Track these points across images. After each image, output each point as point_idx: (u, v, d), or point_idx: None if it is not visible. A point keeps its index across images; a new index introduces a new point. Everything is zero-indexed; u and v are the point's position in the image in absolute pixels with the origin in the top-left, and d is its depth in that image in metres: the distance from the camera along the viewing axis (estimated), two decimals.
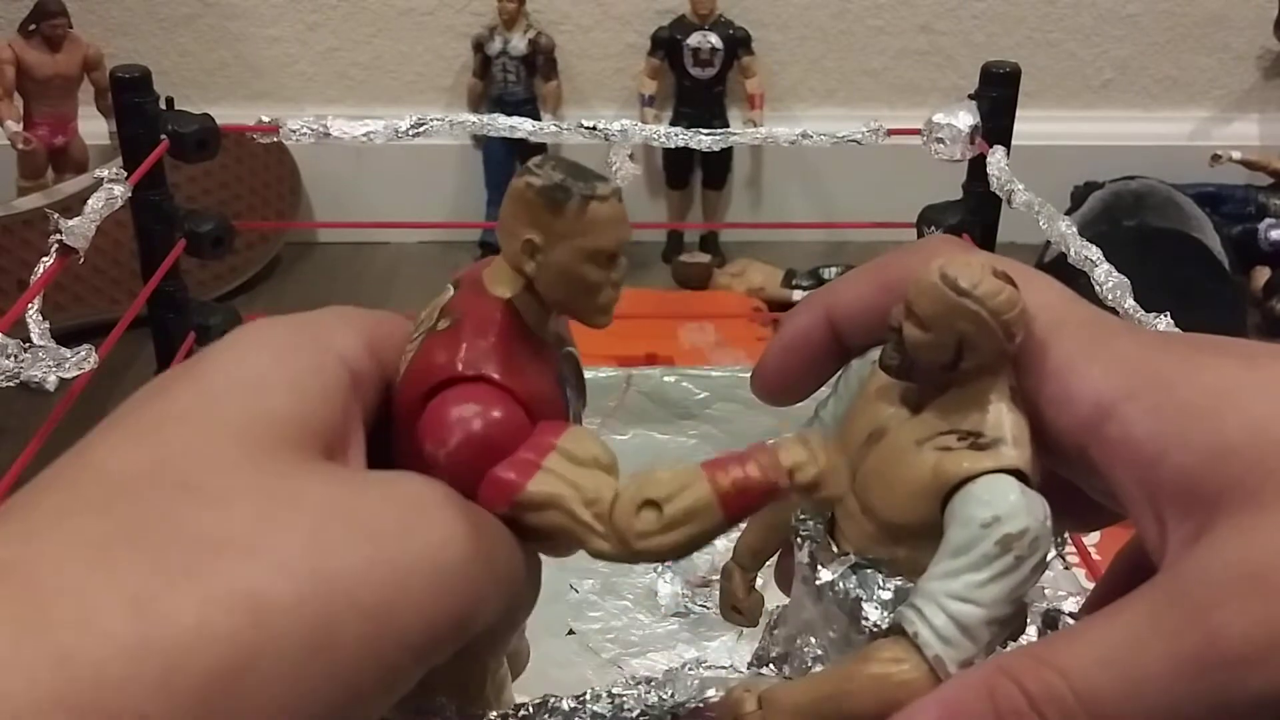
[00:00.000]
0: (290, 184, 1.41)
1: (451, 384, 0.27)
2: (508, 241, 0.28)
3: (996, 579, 0.26)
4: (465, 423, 0.26)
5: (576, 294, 0.28)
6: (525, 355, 0.28)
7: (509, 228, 0.27)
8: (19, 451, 0.67)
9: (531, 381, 0.28)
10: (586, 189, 0.27)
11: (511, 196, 0.27)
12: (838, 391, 0.31)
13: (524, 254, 0.27)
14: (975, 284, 0.26)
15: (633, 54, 1.43)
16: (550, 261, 0.27)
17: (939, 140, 0.90)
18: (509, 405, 0.27)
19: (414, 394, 0.27)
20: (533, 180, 0.27)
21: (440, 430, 0.26)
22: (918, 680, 0.26)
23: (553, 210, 0.27)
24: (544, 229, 0.27)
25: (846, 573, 0.29)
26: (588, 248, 0.27)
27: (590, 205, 0.27)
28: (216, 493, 0.22)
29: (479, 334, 0.27)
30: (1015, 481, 0.26)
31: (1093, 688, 0.24)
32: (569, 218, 0.27)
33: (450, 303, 0.28)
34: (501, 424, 0.27)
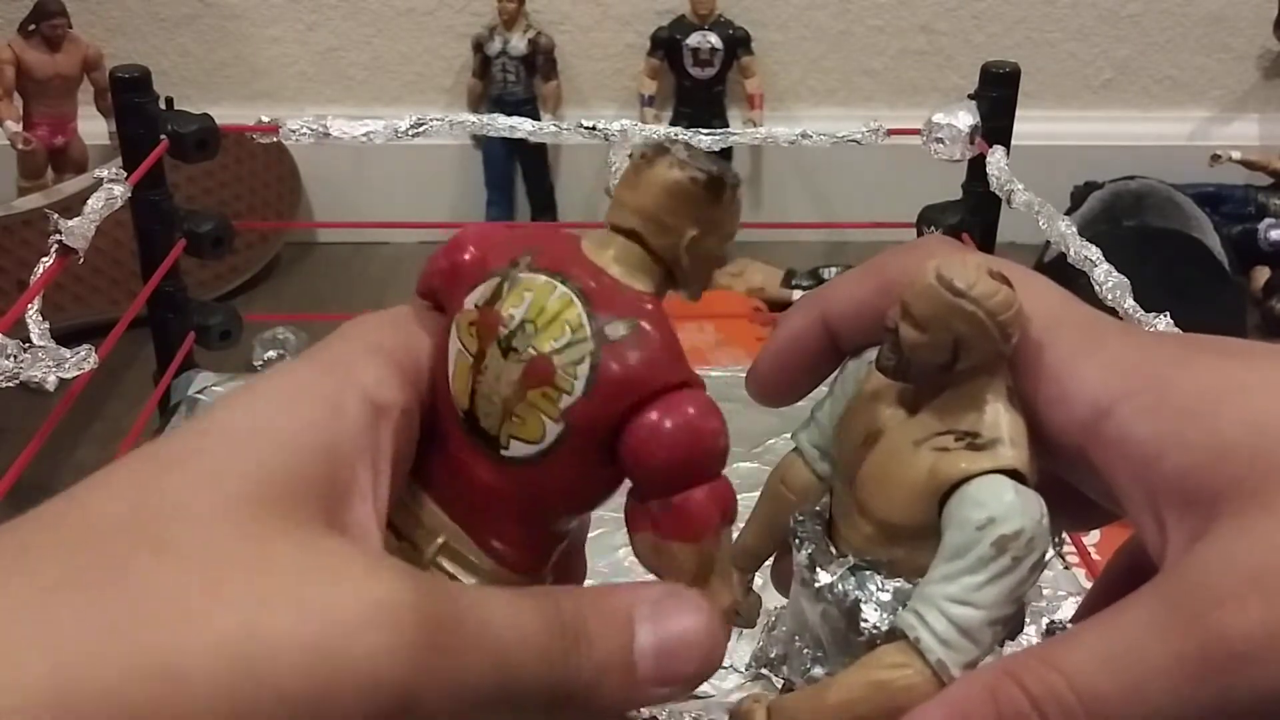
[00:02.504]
0: (290, 184, 1.41)
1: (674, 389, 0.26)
2: (661, 234, 0.27)
3: (995, 580, 0.26)
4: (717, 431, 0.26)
5: (707, 275, 0.28)
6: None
7: (663, 221, 0.27)
8: (19, 451, 0.67)
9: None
10: (734, 178, 0.27)
11: (670, 190, 0.27)
12: (834, 392, 0.31)
13: (686, 249, 0.27)
14: (971, 285, 0.26)
15: (632, 54, 1.43)
16: (703, 249, 0.27)
17: (939, 140, 0.90)
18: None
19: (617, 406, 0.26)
20: (696, 175, 0.26)
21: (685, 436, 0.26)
22: (922, 685, 0.26)
23: (713, 202, 0.27)
24: (705, 221, 0.27)
25: (845, 574, 0.29)
26: (731, 230, 0.28)
27: (739, 193, 0.27)
28: (179, 548, 0.22)
29: (670, 337, 0.27)
30: (1010, 482, 0.26)
31: (1095, 688, 0.24)
32: (725, 207, 0.27)
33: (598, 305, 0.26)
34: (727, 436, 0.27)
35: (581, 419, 0.26)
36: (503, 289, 0.27)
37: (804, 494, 0.32)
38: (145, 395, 0.97)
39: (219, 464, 0.23)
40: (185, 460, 0.24)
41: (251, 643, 0.21)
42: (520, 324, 0.27)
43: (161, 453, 0.24)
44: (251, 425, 0.24)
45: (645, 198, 0.27)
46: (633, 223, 0.27)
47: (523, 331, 0.26)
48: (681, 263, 0.27)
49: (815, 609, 0.30)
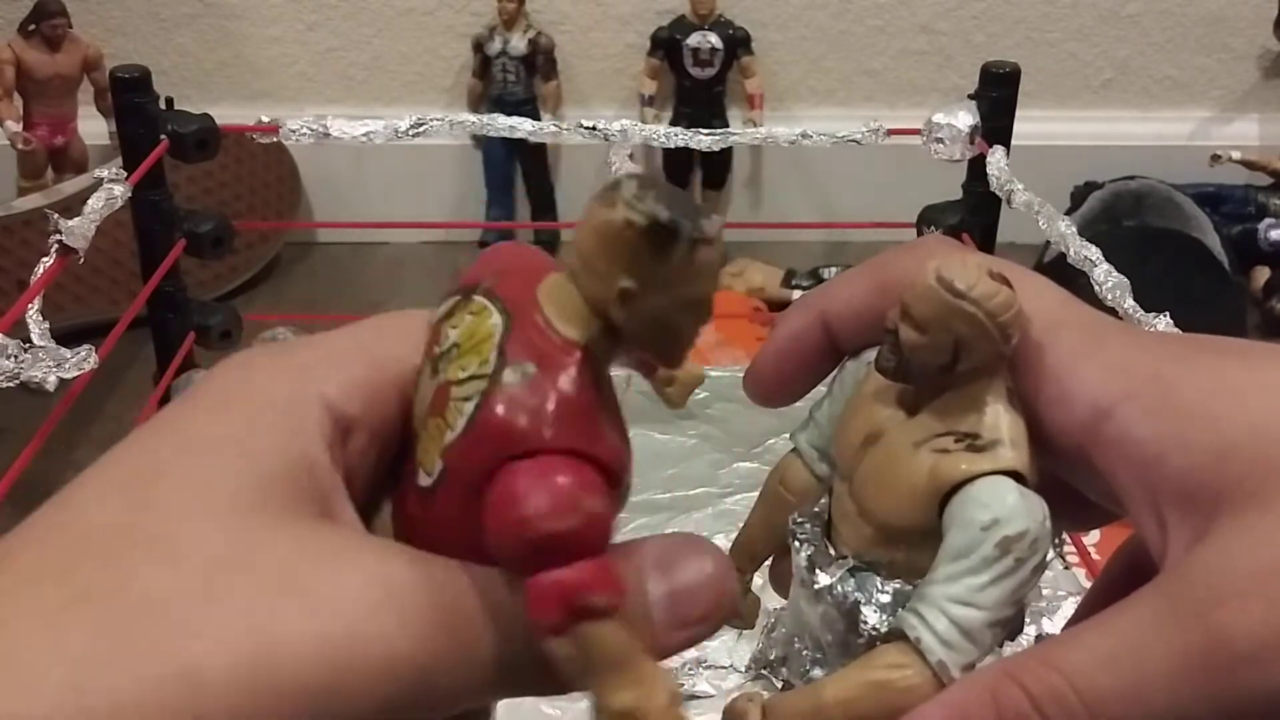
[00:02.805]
0: (290, 184, 1.41)
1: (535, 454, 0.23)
2: (592, 282, 0.23)
3: (997, 581, 0.26)
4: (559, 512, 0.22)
5: (667, 341, 0.24)
6: (605, 406, 0.24)
7: (595, 267, 0.23)
8: (19, 451, 0.67)
9: (613, 438, 0.24)
10: (695, 230, 0.22)
11: (602, 232, 0.23)
12: (833, 393, 0.31)
13: (616, 303, 0.23)
14: (971, 286, 0.26)
15: (632, 54, 1.43)
16: (644, 308, 0.23)
17: (939, 140, 0.90)
18: (600, 484, 0.23)
19: (484, 456, 0.23)
20: (634, 218, 0.22)
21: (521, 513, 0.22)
22: (921, 685, 0.26)
23: (657, 255, 0.22)
24: (643, 275, 0.23)
25: (845, 576, 0.29)
26: (690, 297, 0.23)
27: (699, 250, 0.22)
28: (180, 552, 0.22)
29: (565, 394, 0.23)
30: (1013, 483, 0.26)
31: (1096, 688, 0.24)
32: (675, 264, 0.23)
33: (511, 343, 0.24)
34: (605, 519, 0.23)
35: (455, 460, 0.24)
36: (457, 307, 0.26)
37: (803, 495, 0.32)
38: (145, 395, 0.97)
39: (205, 472, 0.23)
40: (169, 470, 0.23)
41: (264, 639, 0.21)
42: (450, 346, 0.25)
43: (142, 464, 0.24)
44: (226, 435, 0.24)
45: (581, 236, 0.24)
46: (571, 263, 0.24)
47: (448, 354, 0.25)
48: (616, 318, 0.23)
49: (815, 610, 0.30)
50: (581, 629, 0.22)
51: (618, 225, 0.23)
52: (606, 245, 0.23)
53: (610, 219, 0.23)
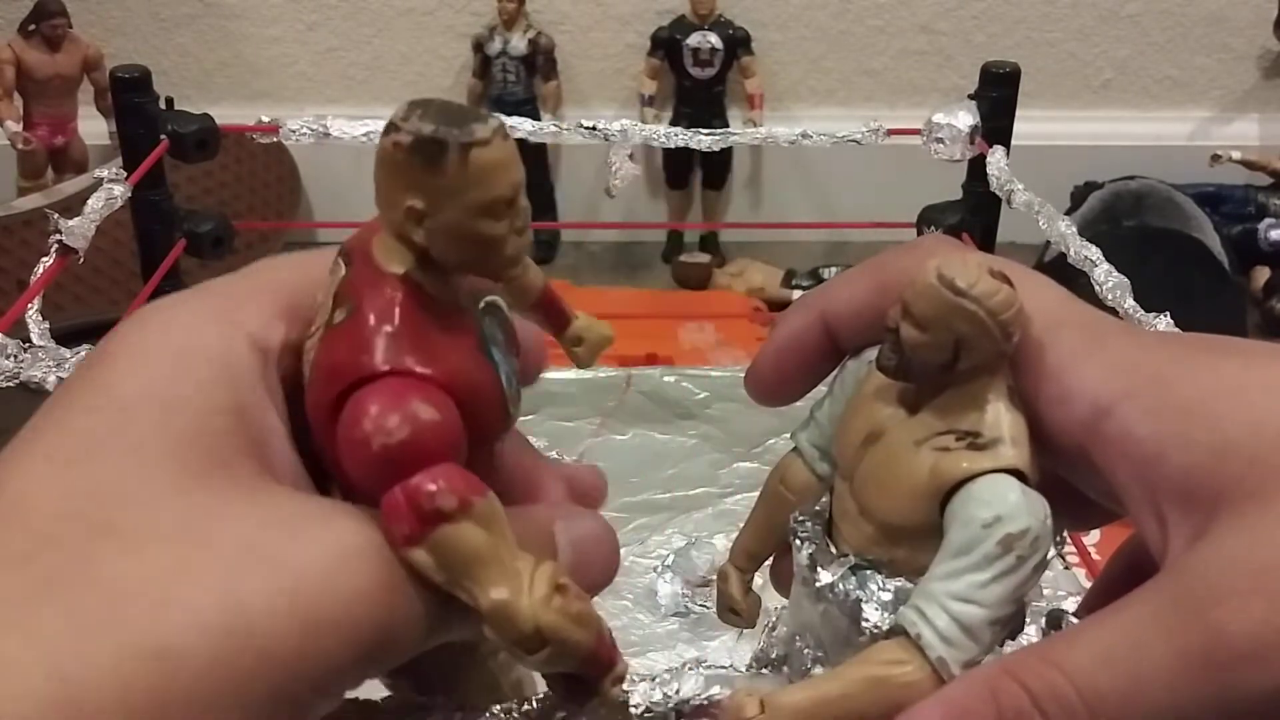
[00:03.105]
0: (290, 184, 1.42)
1: (363, 383, 0.23)
2: (387, 211, 0.24)
3: (999, 579, 0.26)
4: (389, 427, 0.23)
5: (477, 253, 0.24)
6: (437, 331, 0.24)
7: (385, 195, 0.24)
8: None
9: (450, 360, 0.24)
10: (463, 135, 0.23)
11: (381, 159, 0.23)
12: (833, 392, 0.31)
13: (409, 222, 0.24)
14: (972, 284, 0.26)
15: (633, 54, 1.43)
16: (439, 225, 0.24)
17: (939, 140, 0.90)
18: (446, 405, 0.24)
19: (323, 397, 0.24)
20: (399, 138, 0.23)
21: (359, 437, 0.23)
22: (921, 682, 0.26)
23: (430, 168, 0.23)
24: (425, 191, 0.23)
25: (846, 574, 0.29)
26: (479, 201, 0.23)
27: (472, 154, 0.23)
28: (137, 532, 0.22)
29: (381, 321, 0.24)
30: (1015, 481, 0.26)
31: (1096, 686, 0.24)
32: (450, 173, 0.23)
33: (343, 286, 0.25)
34: (441, 426, 0.23)
35: (310, 407, 0.25)
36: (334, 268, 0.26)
37: (803, 494, 0.32)
38: None
39: (140, 439, 0.23)
40: (104, 440, 0.23)
41: (232, 610, 0.21)
42: (320, 306, 0.26)
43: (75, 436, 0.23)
44: (153, 393, 0.24)
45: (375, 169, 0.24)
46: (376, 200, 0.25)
47: (317, 314, 0.26)
48: (415, 239, 0.24)
49: (816, 609, 0.30)
50: (437, 535, 0.23)
51: (389, 149, 0.23)
52: (386, 171, 0.23)
53: (384, 145, 0.23)
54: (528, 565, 0.24)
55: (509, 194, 0.24)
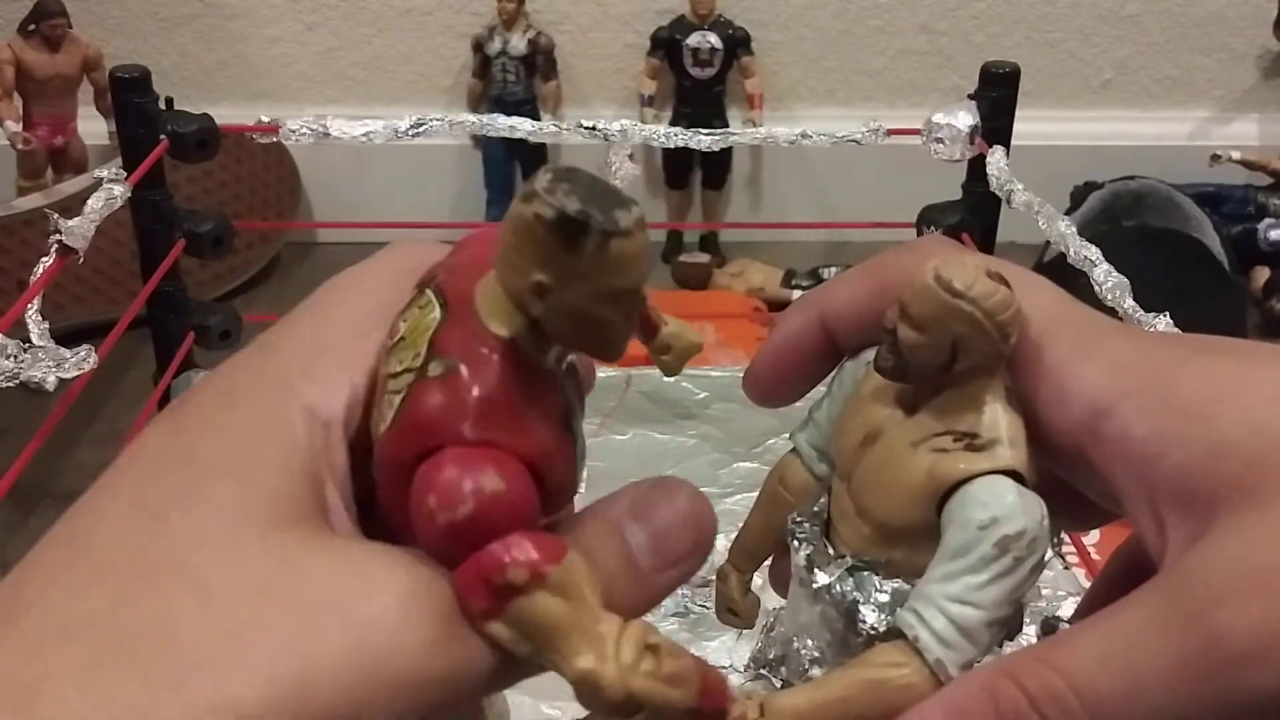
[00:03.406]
0: (290, 184, 1.42)
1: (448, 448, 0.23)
2: (510, 276, 0.23)
3: (996, 580, 0.26)
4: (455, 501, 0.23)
5: (590, 336, 0.24)
6: (530, 403, 0.24)
7: (512, 261, 0.23)
8: (19, 451, 0.67)
9: (539, 433, 0.24)
10: (608, 222, 0.22)
11: (515, 225, 0.23)
12: (831, 393, 0.31)
13: (531, 295, 0.23)
14: (969, 285, 0.26)
15: (632, 54, 1.43)
16: (562, 303, 0.23)
17: (939, 140, 0.90)
18: (518, 476, 0.23)
19: (407, 452, 0.24)
20: (542, 211, 0.22)
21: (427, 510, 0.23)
22: (919, 684, 0.26)
23: (567, 248, 0.22)
24: (556, 269, 0.22)
25: (843, 575, 0.29)
26: (608, 289, 0.23)
27: (612, 242, 0.22)
28: (214, 585, 0.22)
29: (483, 388, 0.23)
30: (1012, 482, 0.26)
31: (1094, 688, 0.24)
32: (586, 257, 0.22)
33: (440, 337, 0.24)
34: (509, 498, 0.23)
35: (383, 452, 0.24)
36: (412, 300, 0.26)
37: (802, 495, 0.32)
38: (145, 395, 0.97)
39: (213, 498, 0.23)
40: (179, 499, 0.23)
41: (299, 664, 0.22)
42: (399, 339, 0.25)
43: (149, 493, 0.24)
44: (223, 460, 0.24)
45: (502, 231, 0.23)
46: (496, 258, 0.24)
47: (395, 347, 0.25)
48: (534, 312, 0.23)
49: (814, 610, 0.30)
50: (513, 608, 0.23)
51: (528, 219, 0.22)
52: (520, 239, 0.23)
53: (522, 212, 0.22)
54: (613, 628, 0.23)
55: (636, 286, 0.23)
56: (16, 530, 0.90)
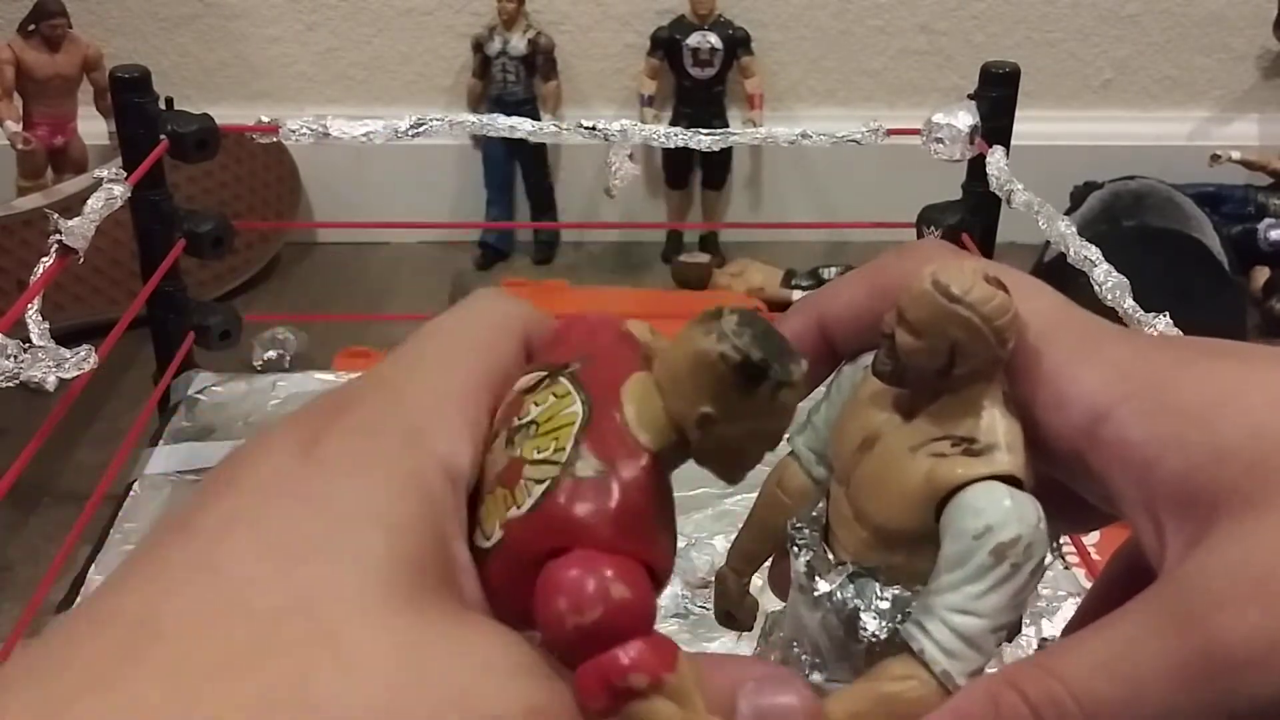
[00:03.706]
0: (290, 184, 1.41)
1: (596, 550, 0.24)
2: (677, 400, 0.25)
3: (995, 588, 0.26)
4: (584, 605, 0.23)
5: (732, 464, 0.25)
6: (662, 511, 0.25)
7: (683, 387, 0.24)
8: (19, 451, 0.67)
9: (665, 542, 0.25)
10: (783, 373, 0.24)
11: (696, 358, 0.24)
12: (830, 396, 0.31)
13: (695, 425, 0.24)
14: (967, 290, 0.26)
15: (632, 54, 1.43)
16: (719, 435, 0.25)
17: (938, 140, 0.90)
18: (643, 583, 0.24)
19: (542, 543, 0.24)
20: (729, 354, 0.24)
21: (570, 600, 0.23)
22: (929, 696, 0.26)
23: (742, 391, 0.24)
24: (725, 405, 0.24)
25: (844, 582, 0.29)
26: (765, 431, 0.25)
27: (782, 393, 0.24)
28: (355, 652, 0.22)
29: (629, 496, 0.24)
30: (1005, 488, 0.26)
31: (1094, 694, 0.24)
32: (758, 401, 0.24)
33: (589, 438, 0.25)
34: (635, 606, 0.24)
35: (514, 536, 0.25)
36: (542, 383, 0.27)
37: (800, 497, 0.32)
38: (145, 395, 0.97)
39: (357, 551, 0.23)
40: (322, 546, 0.23)
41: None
42: (529, 422, 0.26)
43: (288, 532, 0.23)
44: (367, 508, 0.24)
45: (676, 355, 0.25)
46: (660, 375, 0.25)
47: (525, 430, 0.26)
48: (691, 438, 0.25)
49: (814, 616, 0.30)
50: (630, 710, 0.24)
51: (712, 356, 0.24)
52: (697, 371, 0.24)
53: (706, 349, 0.24)
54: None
55: (785, 430, 0.25)
56: (16, 530, 0.90)
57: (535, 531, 0.24)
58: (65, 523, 0.84)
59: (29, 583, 0.85)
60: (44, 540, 0.89)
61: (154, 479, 0.88)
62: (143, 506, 0.85)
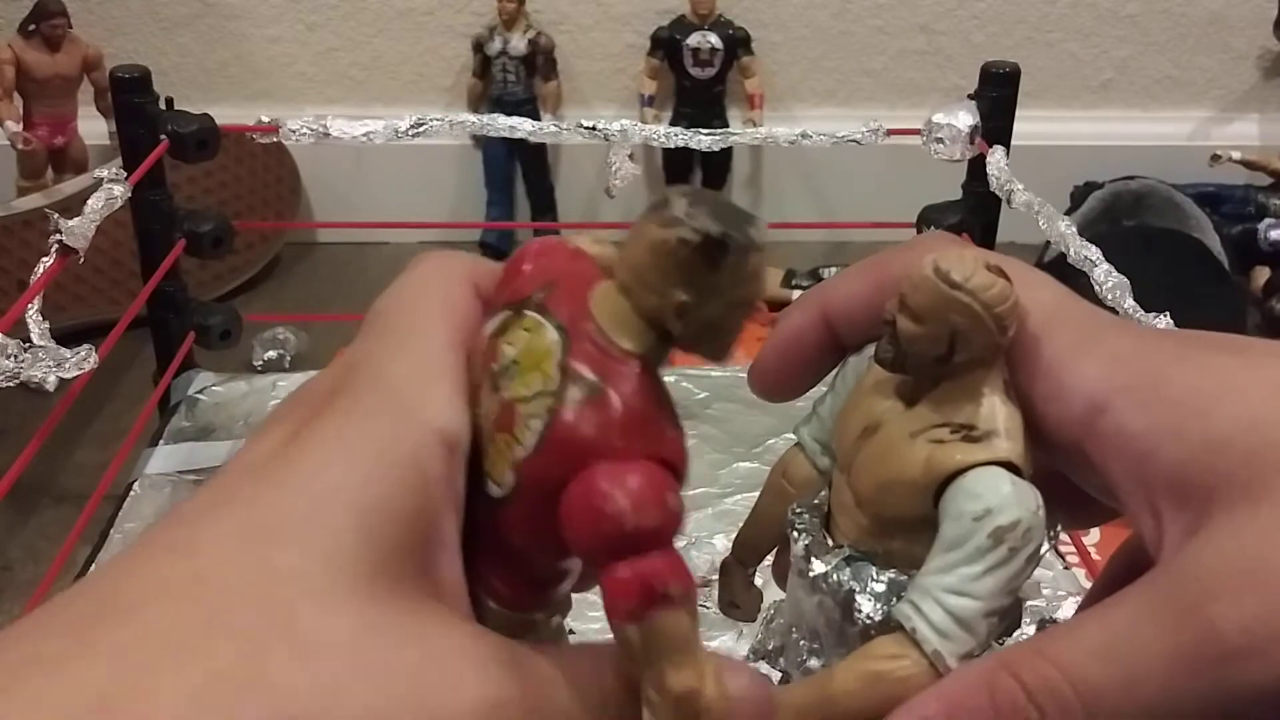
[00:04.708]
0: (290, 184, 1.42)
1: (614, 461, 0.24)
2: (647, 296, 0.24)
3: (991, 571, 0.26)
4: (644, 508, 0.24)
5: (718, 342, 0.25)
6: (666, 408, 0.25)
7: (650, 282, 0.24)
8: (19, 451, 0.67)
9: (677, 437, 0.25)
10: (744, 239, 0.24)
11: (655, 249, 0.24)
12: (835, 388, 0.31)
13: (673, 315, 0.24)
14: (967, 277, 0.26)
15: (632, 54, 1.43)
16: (699, 317, 0.24)
17: (939, 140, 0.90)
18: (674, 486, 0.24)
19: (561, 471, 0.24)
20: (685, 235, 0.23)
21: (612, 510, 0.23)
22: (917, 675, 0.26)
23: (709, 267, 0.24)
24: (697, 287, 0.24)
25: (840, 565, 0.29)
26: (741, 299, 0.24)
27: (750, 258, 0.24)
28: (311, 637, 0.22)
29: (630, 404, 0.24)
30: (1006, 473, 0.27)
31: (1090, 681, 0.24)
32: (726, 273, 0.24)
33: (571, 360, 0.25)
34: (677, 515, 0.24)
35: (529, 475, 0.25)
36: (510, 323, 0.26)
37: (805, 488, 0.32)
38: (145, 395, 0.97)
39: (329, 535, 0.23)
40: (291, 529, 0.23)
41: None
42: (509, 363, 0.26)
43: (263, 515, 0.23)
44: (340, 487, 0.24)
45: (634, 252, 0.25)
46: (624, 278, 0.25)
47: (507, 372, 0.26)
48: (673, 329, 0.25)
49: (811, 600, 0.30)
50: (653, 615, 0.24)
51: (672, 243, 0.24)
52: (660, 262, 0.24)
53: (664, 238, 0.24)
54: (710, 660, 0.25)
55: (761, 295, 0.25)
56: (16, 530, 0.90)
57: (550, 464, 0.25)
58: (65, 523, 0.84)
59: (29, 583, 0.85)
60: (44, 540, 0.89)
61: (154, 479, 0.88)
62: (143, 506, 0.85)
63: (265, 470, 0.24)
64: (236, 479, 0.24)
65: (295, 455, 0.24)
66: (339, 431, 0.25)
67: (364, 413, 0.25)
